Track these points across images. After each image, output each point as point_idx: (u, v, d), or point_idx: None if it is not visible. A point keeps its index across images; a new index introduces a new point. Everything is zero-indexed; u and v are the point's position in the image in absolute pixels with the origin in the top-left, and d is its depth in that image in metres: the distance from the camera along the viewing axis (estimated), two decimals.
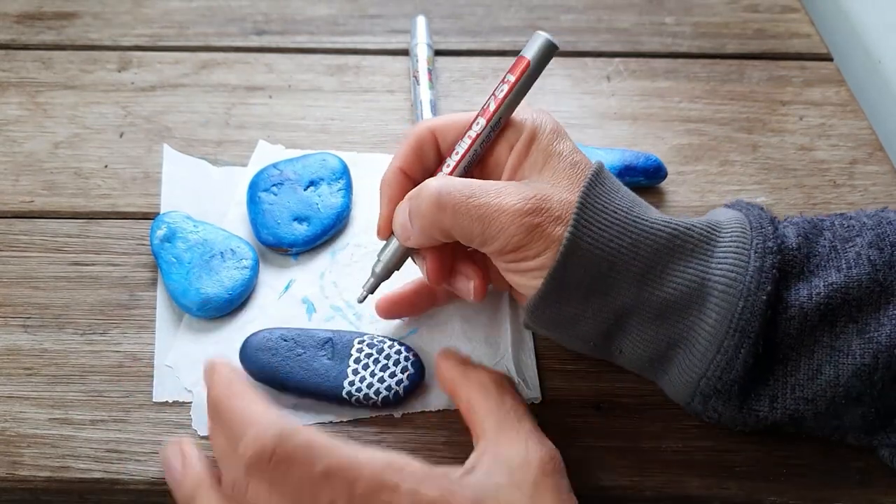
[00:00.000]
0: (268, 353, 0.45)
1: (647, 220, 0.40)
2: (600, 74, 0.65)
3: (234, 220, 0.53)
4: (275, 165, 0.54)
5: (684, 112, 0.62)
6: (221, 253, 0.50)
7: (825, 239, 0.41)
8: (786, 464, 0.44)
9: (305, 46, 0.66)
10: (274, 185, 0.53)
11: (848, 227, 0.41)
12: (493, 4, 0.70)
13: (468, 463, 0.38)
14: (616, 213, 0.40)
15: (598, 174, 0.41)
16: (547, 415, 0.45)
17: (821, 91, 0.64)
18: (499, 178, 0.43)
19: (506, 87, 0.43)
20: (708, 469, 0.44)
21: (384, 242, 0.46)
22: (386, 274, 0.46)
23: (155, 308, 0.49)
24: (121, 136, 0.58)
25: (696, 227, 0.40)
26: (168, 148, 0.57)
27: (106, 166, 0.56)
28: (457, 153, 0.43)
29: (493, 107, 0.43)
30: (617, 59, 0.66)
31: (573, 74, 0.65)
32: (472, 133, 0.43)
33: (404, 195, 0.44)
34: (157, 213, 0.52)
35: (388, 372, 0.45)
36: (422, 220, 0.41)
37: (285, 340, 0.46)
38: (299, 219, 0.52)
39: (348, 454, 0.35)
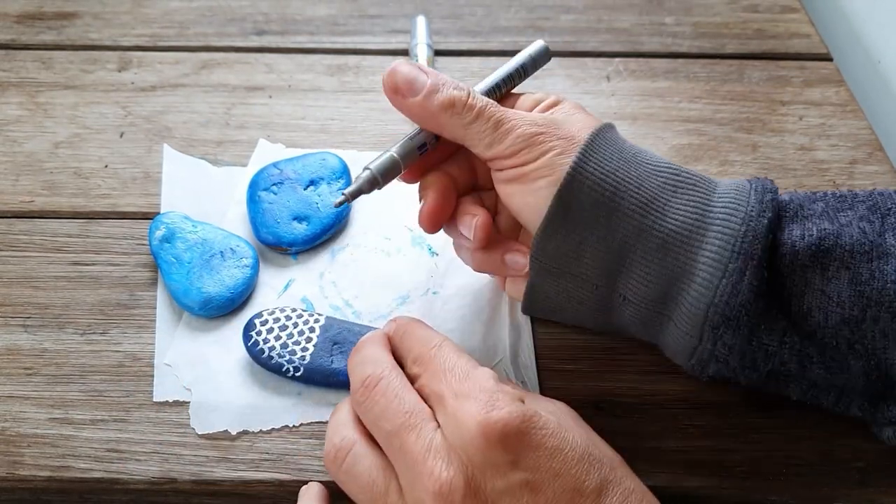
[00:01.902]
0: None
1: (651, 161, 0.42)
2: (600, 74, 0.65)
3: (233, 220, 0.53)
4: (275, 164, 0.55)
5: (684, 112, 0.62)
6: (221, 252, 0.50)
7: (817, 204, 0.42)
8: (786, 464, 0.44)
9: (305, 46, 0.66)
10: (274, 184, 0.53)
11: (840, 197, 0.42)
12: (493, 4, 0.70)
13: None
14: (623, 151, 0.42)
15: (609, 125, 0.43)
16: None
17: (821, 91, 0.64)
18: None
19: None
20: (708, 468, 0.44)
21: (377, 155, 0.44)
22: (370, 185, 0.43)
23: (155, 308, 0.49)
24: (121, 136, 0.59)
25: (697, 175, 0.42)
26: (168, 148, 0.57)
27: (106, 166, 0.56)
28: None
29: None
30: (617, 59, 0.66)
31: (573, 74, 0.65)
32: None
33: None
34: (158, 213, 0.52)
35: None
36: (441, 114, 0.43)
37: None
38: (299, 218, 0.52)
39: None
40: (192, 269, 0.49)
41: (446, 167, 0.46)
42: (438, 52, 0.65)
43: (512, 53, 0.45)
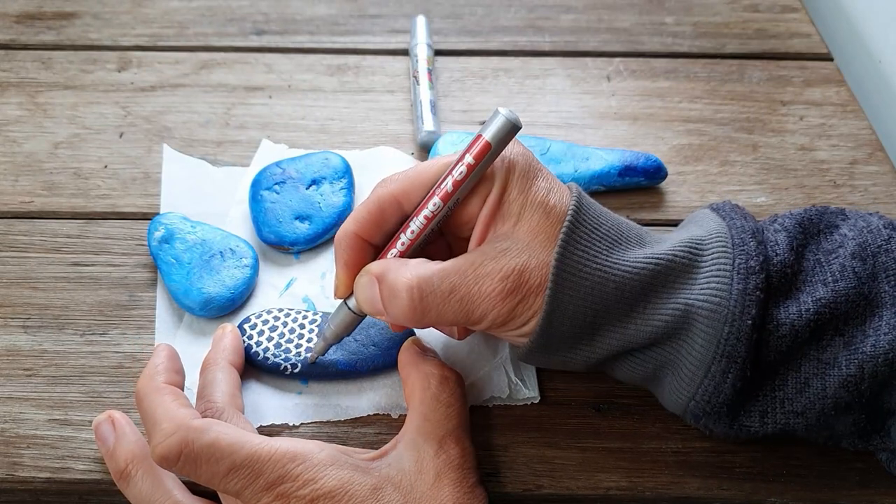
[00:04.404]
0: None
1: (627, 263, 0.39)
2: (600, 74, 0.65)
3: (235, 219, 0.53)
4: (277, 164, 0.55)
5: (684, 112, 0.62)
6: (221, 252, 0.50)
7: (809, 251, 0.41)
8: (786, 464, 0.44)
9: (305, 46, 0.66)
10: (276, 183, 0.53)
11: (831, 240, 0.42)
12: (493, 4, 0.70)
13: (386, 446, 0.41)
14: (596, 258, 0.39)
15: (574, 220, 0.40)
16: (547, 415, 0.46)
17: (821, 91, 0.64)
18: (471, 230, 0.42)
19: (464, 170, 0.40)
20: (707, 470, 0.44)
21: (335, 309, 0.45)
22: (336, 340, 0.45)
23: (154, 308, 0.49)
24: (121, 136, 0.58)
25: (677, 255, 0.40)
26: (168, 148, 0.57)
27: (106, 166, 0.56)
28: (412, 232, 0.42)
29: (450, 188, 0.41)
30: (617, 59, 0.66)
31: (573, 74, 0.65)
32: (428, 213, 0.41)
33: (361, 260, 0.43)
34: (157, 214, 0.52)
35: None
36: (403, 317, 0.41)
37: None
38: (301, 217, 0.52)
39: (252, 450, 0.37)
40: (192, 270, 0.49)
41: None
42: (438, 52, 0.65)
43: (512, 53, 0.44)
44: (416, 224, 0.42)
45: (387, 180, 0.43)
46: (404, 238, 0.42)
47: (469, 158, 0.40)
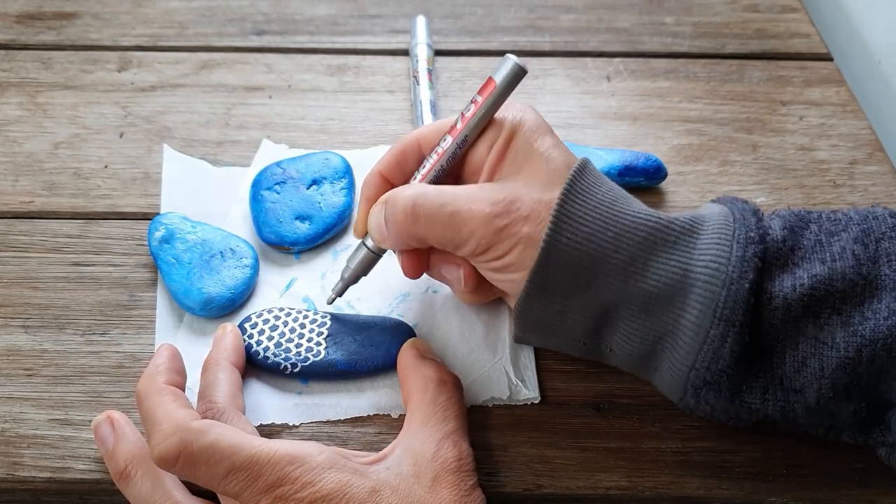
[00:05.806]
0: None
1: (629, 214, 0.40)
2: (600, 74, 0.65)
3: (235, 219, 0.53)
4: (278, 164, 0.55)
5: (684, 112, 0.62)
6: (221, 252, 0.50)
7: (811, 232, 0.41)
8: (786, 464, 0.44)
9: (305, 46, 0.66)
10: (276, 183, 0.53)
11: (834, 220, 0.42)
12: (493, 4, 0.70)
13: (385, 450, 0.41)
14: (598, 207, 0.40)
15: (581, 170, 0.41)
16: (546, 415, 0.46)
17: (821, 91, 0.64)
18: (479, 177, 0.44)
19: (472, 107, 0.44)
20: (708, 470, 0.44)
21: (354, 249, 0.47)
22: (354, 279, 0.47)
23: (155, 308, 0.49)
24: (121, 136, 0.58)
25: (678, 220, 0.41)
26: (168, 148, 0.57)
27: (106, 166, 0.56)
28: (423, 167, 0.45)
29: (459, 125, 0.44)
30: (617, 59, 0.66)
31: (573, 74, 0.65)
32: (439, 149, 0.44)
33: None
34: (158, 214, 0.52)
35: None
36: (396, 228, 0.43)
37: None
38: (301, 217, 0.52)
39: (251, 452, 0.38)
40: (192, 270, 0.49)
41: None
42: (438, 52, 0.65)
43: (513, 53, 0.44)
44: (428, 160, 0.45)
45: (413, 130, 0.47)
46: (417, 174, 0.45)
47: (477, 97, 0.44)
